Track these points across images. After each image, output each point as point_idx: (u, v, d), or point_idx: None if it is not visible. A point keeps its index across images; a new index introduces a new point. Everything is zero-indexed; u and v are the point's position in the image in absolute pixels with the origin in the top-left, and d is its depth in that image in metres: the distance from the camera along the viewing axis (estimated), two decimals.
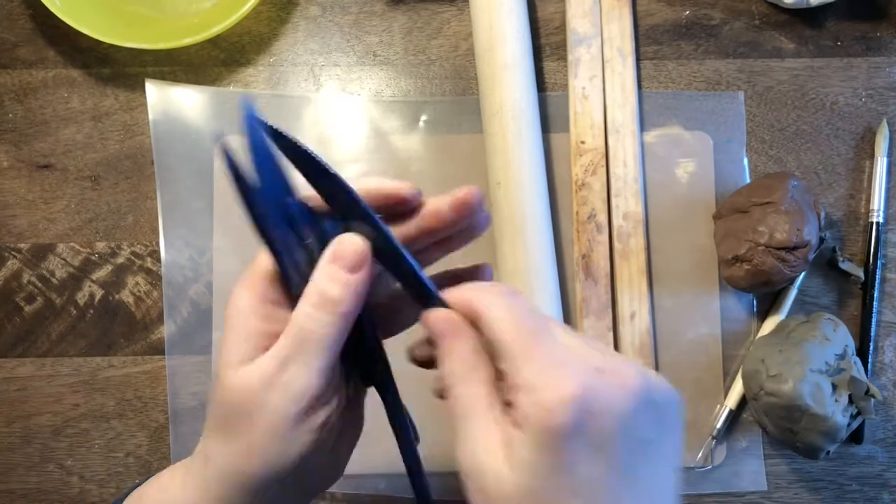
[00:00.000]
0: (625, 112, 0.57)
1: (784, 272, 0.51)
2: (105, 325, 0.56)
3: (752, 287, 0.53)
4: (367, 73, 0.58)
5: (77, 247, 0.57)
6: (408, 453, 0.37)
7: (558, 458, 0.28)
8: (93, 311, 0.56)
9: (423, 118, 0.58)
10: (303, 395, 0.32)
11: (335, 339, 0.33)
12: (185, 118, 0.57)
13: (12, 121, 0.58)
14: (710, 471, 0.55)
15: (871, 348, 0.56)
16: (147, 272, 0.56)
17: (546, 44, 0.59)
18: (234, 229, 0.56)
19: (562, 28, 0.58)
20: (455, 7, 0.59)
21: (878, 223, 0.56)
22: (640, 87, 0.58)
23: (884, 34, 0.59)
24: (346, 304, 0.32)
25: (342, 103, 0.58)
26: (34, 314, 0.56)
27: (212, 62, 0.58)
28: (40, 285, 0.56)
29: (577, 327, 0.55)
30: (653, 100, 0.58)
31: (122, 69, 0.58)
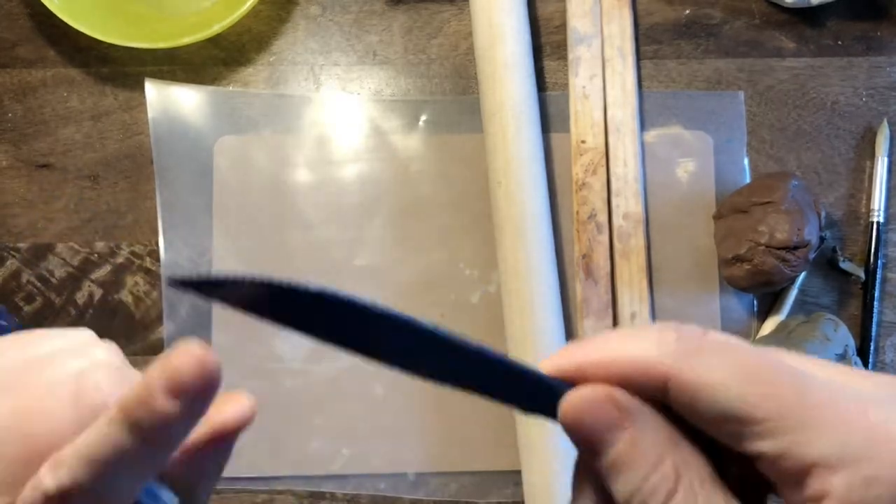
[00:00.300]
0: (625, 111, 0.56)
1: (784, 272, 0.51)
2: (104, 325, 0.56)
3: (753, 287, 0.53)
4: (366, 73, 0.58)
5: (76, 246, 0.57)
6: None
7: None
8: (92, 311, 0.56)
9: (423, 118, 0.58)
10: None
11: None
12: (185, 117, 0.57)
13: (11, 120, 0.57)
14: None
15: (871, 348, 0.56)
16: (146, 272, 0.56)
17: (546, 43, 0.58)
18: (233, 229, 0.56)
19: (562, 27, 0.58)
20: (455, 6, 0.59)
21: (878, 223, 0.56)
22: (640, 86, 0.58)
23: (884, 34, 0.59)
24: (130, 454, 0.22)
25: (342, 102, 0.58)
26: (33, 314, 0.56)
27: (211, 61, 0.58)
28: (39, 285, 0.56)
29: (577, 327, 0.55)
30: (653, 99, 0.58)
31: (121, 68, 0.58)
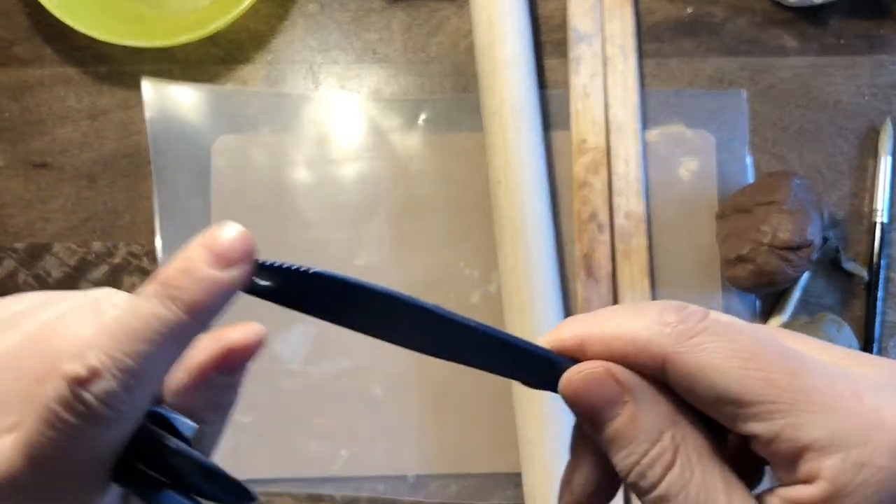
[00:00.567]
0: (626, 110, 0.56)
1: (787, 272, 0.51)
2: None
3: (755, 287, 0.52)
4: (366, 71, 0.58)
5: (73, 246, 0.56)
6: None
7: None
8: None
9: (423, 116, 0.57)
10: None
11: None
12: (183, 117, 0.57)
13: (8, 119, 0.57)
14: None
15: (875, 349, 0.55)
16: (144, 272, 0.56)
17: (547, 41, 0.58)
18: None
19: (563, 25, 0.58)
20: (455, 4, 0.58)
21: (882, 223, 0.56)
22: (641, 84, 0.57)
23: (887, 32, 0.59)
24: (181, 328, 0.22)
25: (341, 101, 0.57)
26: None
27: (209, 60, 0.58)
28: (36, 285, 0.56)
29: None
30: (655, 98, 0.57)
31: (118, 67, 0.57)
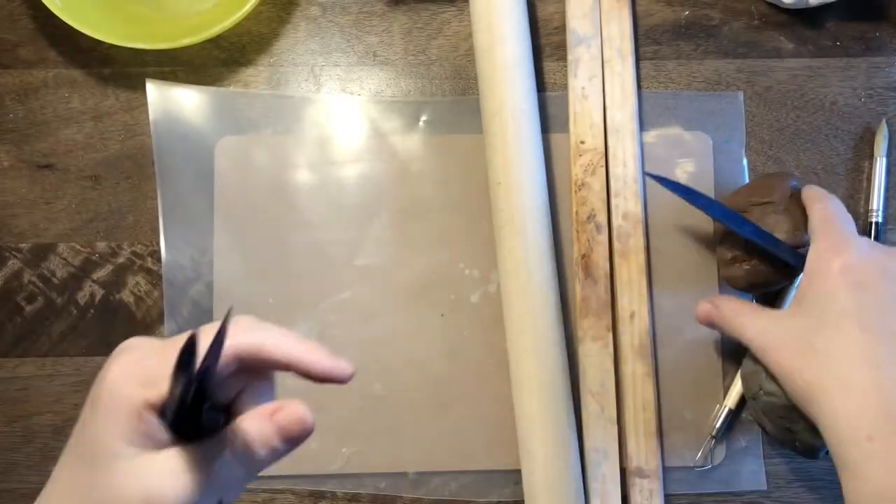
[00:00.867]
0: (624, 112, 0.57)
1: (783, 272, 0.51)
2: (106, 325, 0.56)
3: (751, 287, 0.53)
4: (367, 74, 0.58)
5: (78, 247, 0.57)
6: None
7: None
8: (93, 311, 0.56)
9: (423, 118, 0.58)
10: None
11: (235, 485, 0.34)
12: (186, 118, 0.57)
13: (13, 121, 0.58)
14: (709, 470, 0.55)
15: None
16: (148, 272, 0.56)
17: (546, 44, 0.59)
18: (234, 229, 0.56)
19: (561, 28, 0.59)
20: (455, 7, 0.59)
21: (877, 223, 0.56)
22: (639, 87, 0.58)
23: (883, 34, 0.59)
24: (263, 465, 0.33)
25: (342, 103, 0.58)
26: (35, 314, 0.56)
27: (212, 62, 0.58)
28: (41, 285, 0.56)
29: (576, 327, 0.55)
30: (652, 100, 0.58)
31: (122, 69, 0.58)
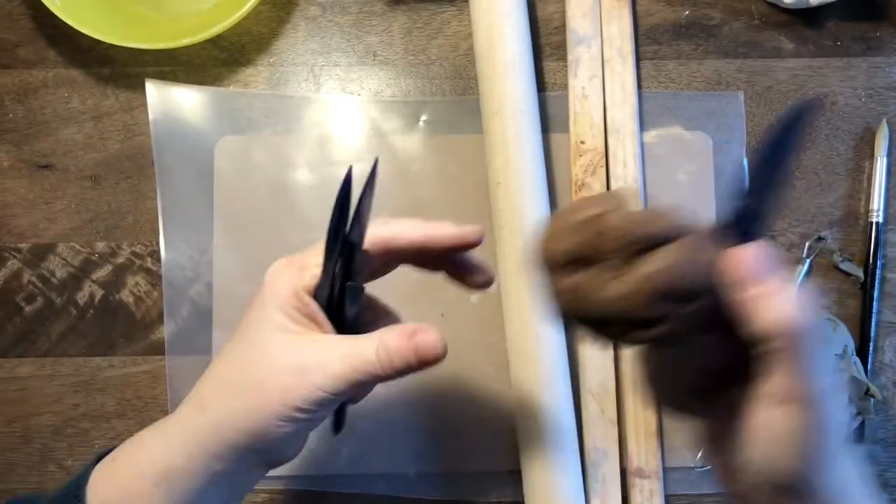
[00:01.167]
0: (624, 112, 0.57)
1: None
2: (105, 325, 0.56)
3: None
4: (367, 73, 0.58)
5: (77, 247, 0.57)
6: None
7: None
8: (93, 311, 0.56)
9: (423, 118, 0.58)
10: (325, 398, 0.35)
11: (367, 386, 0.38)
12: (186, 118, 0.57)
13: (13, 121, 0.58)
14: (709, 470, 0.55)
15: (870, 348, 0.56)
16: (147, 272, 0.56)
17: (546, 44, 0.59)
18: (234, 229, 0.56)
19: (561, 28, 0.58)
20: (455, 7, 0.59)
21: (877, 223, 0.56)
22: (639, 87, 0.58)
23: (883, 34, 0.59)
24: (396, 375, 0.36)
25: (342, 103, 0.58)
26: (34, 314, 0.56)
27: (212, 62, 0.58)
28: (40, 285, 0.56)
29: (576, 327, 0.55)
30: (652, 100, 0.58)
31: (122, 69, 0.58)
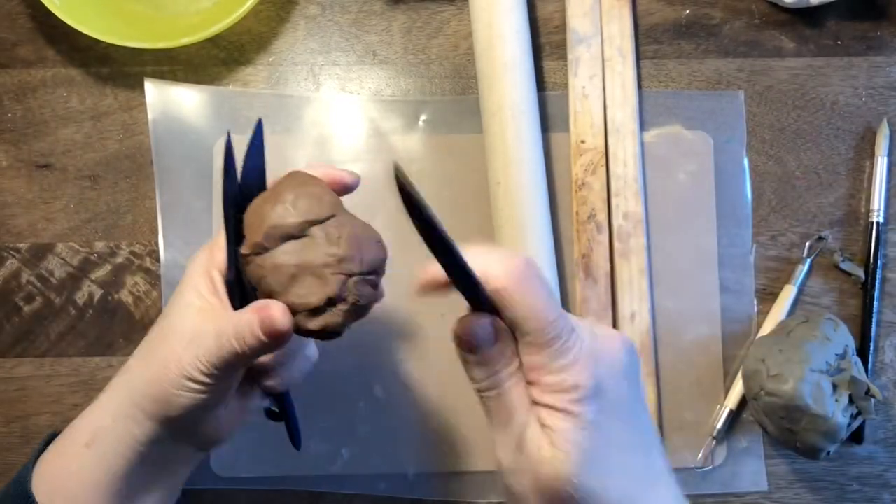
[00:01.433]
0: (625, 111, 0.56)
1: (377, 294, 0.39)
2: (104, 325, 0.56)
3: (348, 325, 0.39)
4: (366, 73, 0.58)
5: (76, 246, 0.57)
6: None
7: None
8: (92, 311, 0.56)
9: (423, 118, 0.58)
10: (209, 370, 0.38)
11: (241, 361, 0.39)
12: (185, 117, 0.57)
13: (11, 120, 0.57)
14: (710, 471, 0.55)
15: (871, 348, 0.56)
16: (146, 272, 0.56)
17: (546, 43, 0.58)
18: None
19: (562, 27, 0.58)
20: (455, 6, 0.59)
21: (878, 223, 0.56)
22: (640, 86, 0.58)
23: (884, 33, 0.59)
24: (252, 352, 0.38)
25: (342, 103, 0.58)
26: (33, 314, 0.56)
27: (211, 61, 0.58)
28: (39, 285, 0.56)
29: None
30: (653, 99, 0.58)
31: (121, 68, 0.58)
